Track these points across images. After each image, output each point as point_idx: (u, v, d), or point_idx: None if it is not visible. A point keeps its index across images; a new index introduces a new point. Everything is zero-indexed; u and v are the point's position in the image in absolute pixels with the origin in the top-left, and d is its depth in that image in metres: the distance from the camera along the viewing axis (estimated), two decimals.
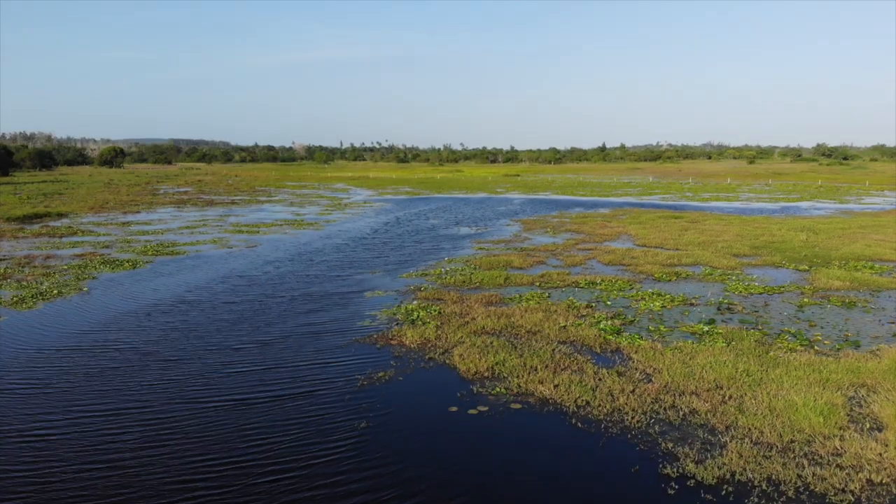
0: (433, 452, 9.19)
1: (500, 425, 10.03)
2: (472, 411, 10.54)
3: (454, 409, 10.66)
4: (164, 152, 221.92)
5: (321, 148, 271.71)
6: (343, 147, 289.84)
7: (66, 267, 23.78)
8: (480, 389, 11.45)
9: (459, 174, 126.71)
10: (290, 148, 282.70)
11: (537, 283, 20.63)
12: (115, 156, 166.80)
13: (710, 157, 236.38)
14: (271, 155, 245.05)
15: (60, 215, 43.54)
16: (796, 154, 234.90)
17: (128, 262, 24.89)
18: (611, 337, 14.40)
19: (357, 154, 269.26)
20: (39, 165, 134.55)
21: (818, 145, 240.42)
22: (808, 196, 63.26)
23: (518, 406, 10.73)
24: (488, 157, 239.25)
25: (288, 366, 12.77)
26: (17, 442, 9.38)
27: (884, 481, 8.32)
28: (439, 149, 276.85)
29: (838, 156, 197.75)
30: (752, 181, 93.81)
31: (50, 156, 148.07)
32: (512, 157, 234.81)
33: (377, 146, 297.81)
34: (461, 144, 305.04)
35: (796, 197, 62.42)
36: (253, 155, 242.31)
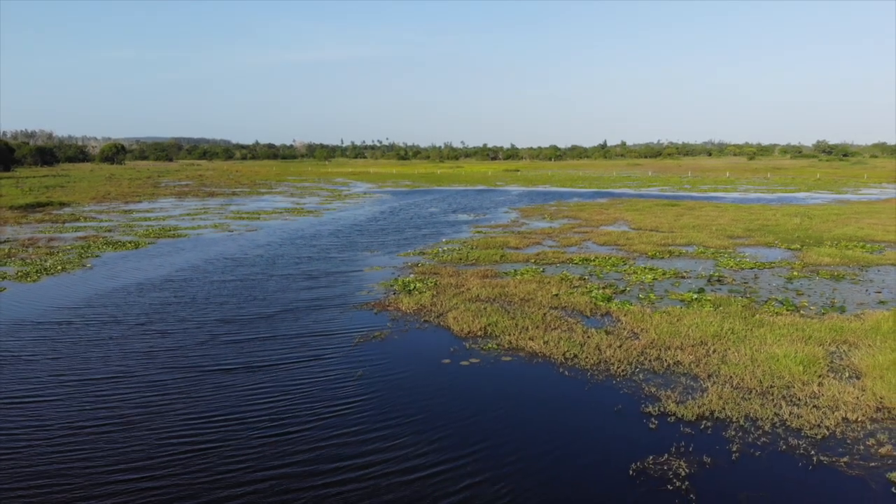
0: (425, 397, 9.54)
1: (491, 374, 10.40)
2: (464, 363, 10.90)
3: (447, 361, 11.02)
4: (166, 149, 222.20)
5: (322, 146, 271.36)
6: (344, 145, 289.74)
7: (69, 247, 24.15)
8: (473, 345, 11.81)
9: (459, 170, 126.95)
10: (291, 146, 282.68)
11: (532, 261, 20.98)
12: (116, 152, 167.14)
13: (710, 155, 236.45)
14: (272, 152, 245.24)
15: (63, 204, 43.91)
16: (797, 151, 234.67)
17: (130, 243, 25.26)
18: (601, 303, 14.75)
19: (358, 152, 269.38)
20: (41, 162, 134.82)
21: (818, 142, 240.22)
22: (806, 187, 63.51)
23: (509, 359, 11.09)
24: (489, 154, 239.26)
25: (288, 332, 13.11)
26: (14, 403, 9.41)
27: (859, 419, 8.66)
28: (440, 147, 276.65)
29: (838, 153, 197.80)
30: (750, 175, 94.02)
31: (51, 152, 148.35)
32: (512, 154, 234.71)
33: (378, 144, 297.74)
34: (462, 142, 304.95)
35: (794, 188, 62.68)
36: (254, 152, 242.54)
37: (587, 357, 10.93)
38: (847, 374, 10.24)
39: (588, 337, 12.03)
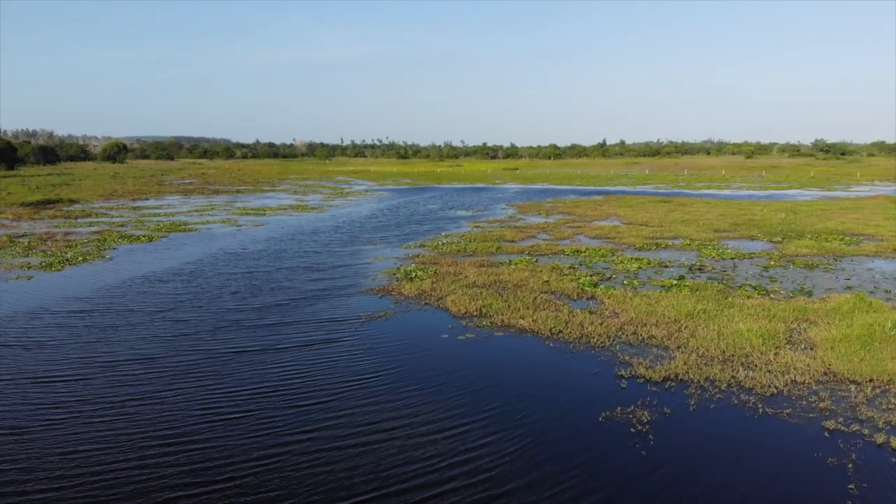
0: (426, 365, 10.77)
1: (484, 346, 11.64)
2: (461, 337, 12.15)
3: (445, 336, 12.27)
4: (167, 149, 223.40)
5: (322, 145, 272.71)
6: (344, 144, 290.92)
7: (86, 240, 25.37)
8: (469, 323, 13.05)
9: (459, 168, 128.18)
10: (292, 145, 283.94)
11: (526, 252, 22.21)
12: (117, 151, 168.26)
13: (708, 153, 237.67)
14: (272, 151, 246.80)
15: (72, 201, 45.09)
16: (795, 150, 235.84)
17: (144, 237, 26.49)
18: (588, 288, 15.98)
19: (358, 151, 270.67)
20: (43, 160, 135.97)
21: (816, 141, 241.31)
22: (799, 185, 64.73)
23: (501, 334, 12.33)
24: (488, 153, 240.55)
25: (303, 317, 14.32)
26: (50, 382, 10.31)
27: (806, 381, 9.89)
28: (440, 146, 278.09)
29: (836, 151, 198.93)
30: (746, 173, 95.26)
31: (53, 151, 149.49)
32: (512, 153, 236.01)
33: (378, 143, 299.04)
34: (462, 141, 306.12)
35: (786, 186, 63.90)
36: (254, 151, 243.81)
37: (571, 332, 12.16)
38: (802, 346, 11.47)
39: (573, 316, 13.27)
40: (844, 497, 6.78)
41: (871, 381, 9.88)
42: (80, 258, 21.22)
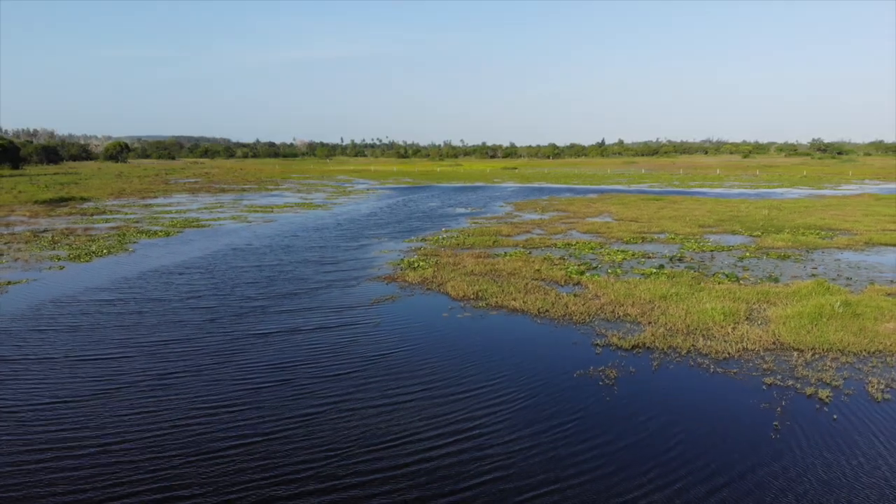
0: (429, 336, 12.36)
1: (480, 322, 13.25)
2: (460, 316, 13.75)
3: (445, 314, 13.86)
4: (168, 148, 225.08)
5: (322, 144, 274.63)
6: (344, 143, 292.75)
7: (106, 235, 26.96)
8: (466, 304, 14.67)
9: (459, 167, 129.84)
10: (292, 144, 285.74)
11: (521, 245, 23.80)
12: (119, 151, 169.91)
13: (706, 153, 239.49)
14: (273, 151, 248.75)
15: (84, 199, 46.67)
16: (792, 149, 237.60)
17: (161, 232, 28.07)
18: (574, 275, 17.58)
19: (358, 150, 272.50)
20: (46, 160, 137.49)
21: (813, 140, 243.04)
22: (789, 184, 66.34)
23: (495, 313, 13.94)
24: (488, 152, 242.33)
25: (321, 303, 15.90)
26: (94, 360, 11.88)
27: (756, 349, 11.48)
28: (439, 145, 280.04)
29: (833, 151, 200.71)
30: (741, 172, 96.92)
31: (55, 151, 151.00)
32: (511, 152, 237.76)
33: (378, 143, 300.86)
34: (461, 141, 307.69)
35: (777, 184, 65.52)
36: (255, 151, 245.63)
37: (556, 311, 13.77)
38: (759, 322, 13.07)
39: (559, 298, 14.87)
40: (769, 430, 8.37)
41: (812, 348, 11.47)
42: (105, 251, 22.80)
